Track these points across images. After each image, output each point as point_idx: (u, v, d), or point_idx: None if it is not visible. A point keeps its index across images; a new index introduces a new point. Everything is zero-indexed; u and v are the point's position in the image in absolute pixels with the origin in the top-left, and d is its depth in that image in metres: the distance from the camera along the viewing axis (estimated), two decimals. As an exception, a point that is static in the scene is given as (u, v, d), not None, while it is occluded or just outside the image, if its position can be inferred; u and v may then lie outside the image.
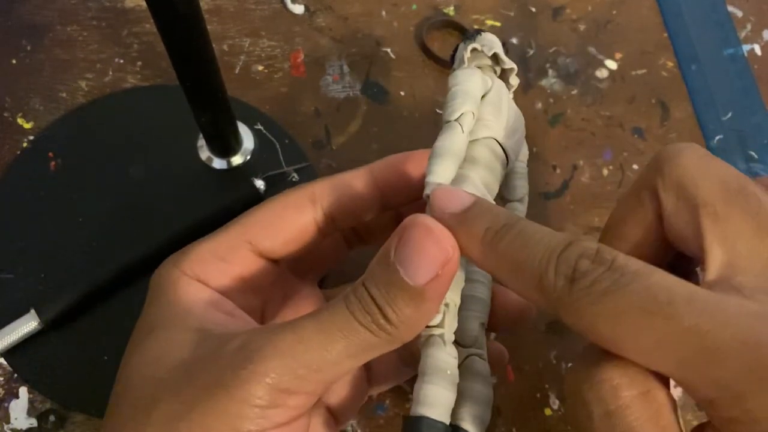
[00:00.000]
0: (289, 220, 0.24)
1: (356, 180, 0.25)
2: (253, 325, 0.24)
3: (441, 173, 0.22)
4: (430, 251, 0.19)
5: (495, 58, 0.25)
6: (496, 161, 0.24)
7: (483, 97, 0.24)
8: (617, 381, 0.18)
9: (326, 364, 0.19)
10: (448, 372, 0.21)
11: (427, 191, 0.22)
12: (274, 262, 0.25)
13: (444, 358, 0.21)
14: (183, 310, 0.22)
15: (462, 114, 0.23)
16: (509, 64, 0.26)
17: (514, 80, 0.26)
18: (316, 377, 0.19)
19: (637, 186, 0.22)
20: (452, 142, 0.23)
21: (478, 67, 0.25)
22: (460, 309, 0.23)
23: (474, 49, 0.25)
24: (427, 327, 0.22)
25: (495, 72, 0.26)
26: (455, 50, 0.26)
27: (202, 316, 0.22)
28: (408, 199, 0.26)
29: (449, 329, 0.22)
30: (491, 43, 0.25)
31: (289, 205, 0.25)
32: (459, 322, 0.23)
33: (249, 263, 0.24)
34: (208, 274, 0.23)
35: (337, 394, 0.26)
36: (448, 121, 0.23)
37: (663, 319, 0.17)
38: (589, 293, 0.18)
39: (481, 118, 0.24)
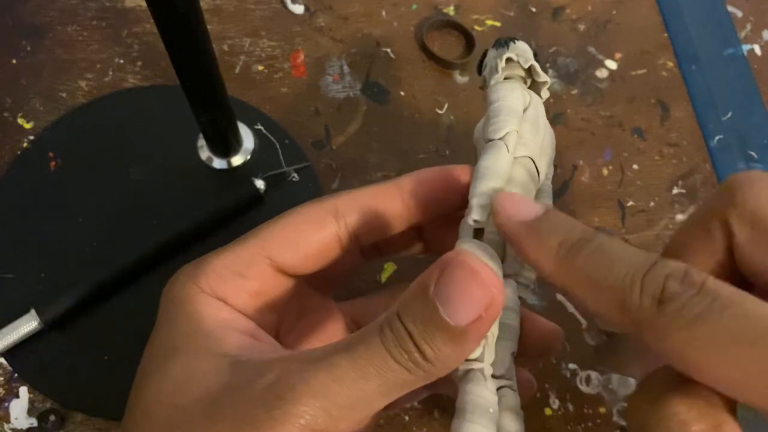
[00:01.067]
0: (311, 236, 0.24)
1: (383, 195, 0.24)
2: (279, 350, 0.23)
3: (486, 195, 0.21)
4: (475, 293, 0.18)
5: (528, 69, 0.24)
6: (531, 181, 0.23)
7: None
8: (685, 415, 0.17)
9: (360, 403, 0.19)
10: (490, 410, 0.20)
11: (474, 217, 0.21)
12: (292, 277, 0.24)
13: (485, 395, 0.20)
14: (205, 333, 0.21)
15: (507, 133, 0.22)
16: (544, 77, 0.24)
17: (545, 93, 0.25)
18: (349, 416, 0.19)
19: (703, 215, 0.21)
20: (498, 162, 0.21)
21: (508, 78, 0.24)
22: None
23: (509, 59, 0.24)
24: (466, 360, 0.20)
25: (525, 83, 0.25)
26: (483, 56, 0.25)
27: (226, 339, 0.21)
28: (436, 216, 0.25)
29: (488, 363, 0.21)
30: (526, 53, 0.24)
31: (311, 220, 0.24)
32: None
33: (267, 279, 0.23)
34: (227, 290, 0.23)
35: None
36: (492, 140, 0.22)
37: (763, 349, 0.16)
38: (680, 317, 0.17)
39: (520, 135, 0.23)
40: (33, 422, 0.30)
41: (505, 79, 0.24)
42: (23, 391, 0.31)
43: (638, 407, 0.19)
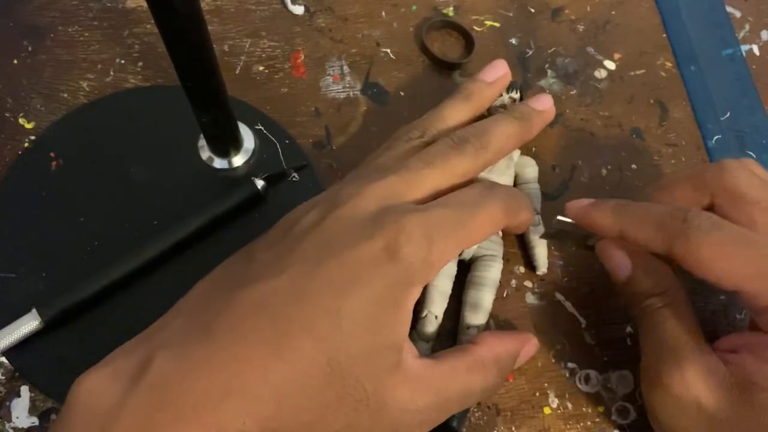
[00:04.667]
0: None
1: None
2: None
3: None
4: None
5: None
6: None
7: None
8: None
9: None
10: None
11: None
12: None
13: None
14: None
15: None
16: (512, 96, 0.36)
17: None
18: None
19: (696, 182, 0.31)
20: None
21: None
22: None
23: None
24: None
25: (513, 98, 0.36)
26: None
27: None
28: None
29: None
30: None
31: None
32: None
33: None
34: None
35: None
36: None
37: (750, 248, 0.26)
38: (699, 228, 0.27)
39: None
40: (34, 421, 0.30)
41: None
42: (24, 390, 0.31)
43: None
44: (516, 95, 0.36)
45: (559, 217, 0.33)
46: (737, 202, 0.28)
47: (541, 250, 0.35)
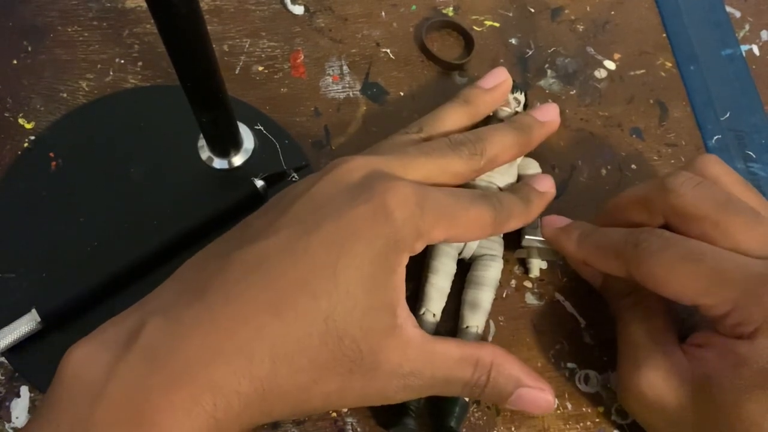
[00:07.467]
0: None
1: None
2: None
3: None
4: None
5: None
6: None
7: None
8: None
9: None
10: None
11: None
12: None
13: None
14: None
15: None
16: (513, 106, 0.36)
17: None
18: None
19: (644, 200, 0.30)
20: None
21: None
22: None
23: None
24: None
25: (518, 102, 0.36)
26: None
27: None
28: None
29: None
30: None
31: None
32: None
33: None
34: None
35: None
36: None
37: (698, 264, 0.26)
38: (649, 250, 0.27)
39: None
40: (34, 421, 0.30)
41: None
42: (24, 390, 0.31)
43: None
44: (521, 96, 0.36)
45: (528, 236, 0.33)
46: (686, 221, 0.28)
47: (533, 253, 0.35)
